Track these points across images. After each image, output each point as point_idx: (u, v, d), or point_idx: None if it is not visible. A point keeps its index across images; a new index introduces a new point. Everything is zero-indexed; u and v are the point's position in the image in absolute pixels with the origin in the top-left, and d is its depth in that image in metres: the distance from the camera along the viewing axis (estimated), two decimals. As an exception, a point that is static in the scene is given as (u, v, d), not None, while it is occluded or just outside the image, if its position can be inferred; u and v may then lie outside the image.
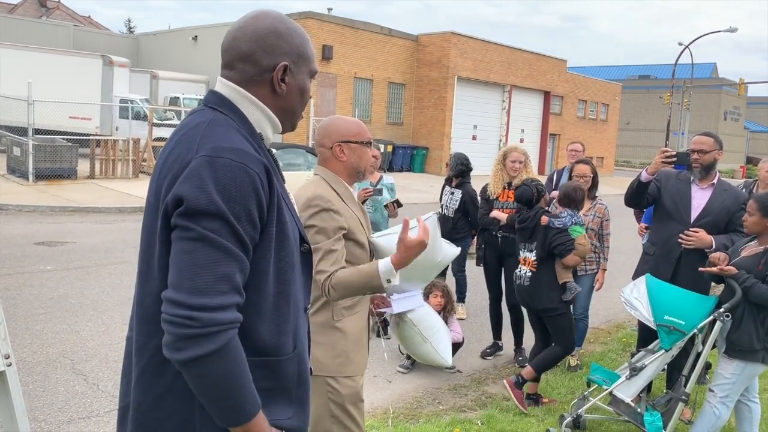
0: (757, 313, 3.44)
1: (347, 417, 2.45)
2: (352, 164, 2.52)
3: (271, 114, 1.55)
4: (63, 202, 11.73)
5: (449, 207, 6.08)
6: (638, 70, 64.48)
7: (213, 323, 1.28)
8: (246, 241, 1.35)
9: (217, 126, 1.42)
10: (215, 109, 1.49)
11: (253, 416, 1.36)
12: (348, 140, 2.51)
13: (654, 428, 3.57)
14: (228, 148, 1.36)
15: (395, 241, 2.22)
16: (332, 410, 2.42)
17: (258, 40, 1.49)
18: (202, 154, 1.35)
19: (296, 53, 1.54)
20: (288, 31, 1.53)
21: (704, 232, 3.98)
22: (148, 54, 29.49)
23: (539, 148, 31.30)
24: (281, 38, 1.51)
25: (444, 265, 2.71)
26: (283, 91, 1.53)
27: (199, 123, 1.44)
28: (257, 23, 1.51)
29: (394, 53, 25.51)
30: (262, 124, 1.54)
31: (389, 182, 5.87)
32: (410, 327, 2.69)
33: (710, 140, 4.10)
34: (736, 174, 47.64)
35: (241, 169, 1.34)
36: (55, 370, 4.57)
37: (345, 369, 2.46)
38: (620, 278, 6.39)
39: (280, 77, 1.51)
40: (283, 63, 1.51)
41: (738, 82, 36.18)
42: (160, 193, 1.38)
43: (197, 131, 1.41)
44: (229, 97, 1.51)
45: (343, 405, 2.44)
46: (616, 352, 5.78)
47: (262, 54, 1.49)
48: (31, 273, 7.04)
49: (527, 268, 4.42)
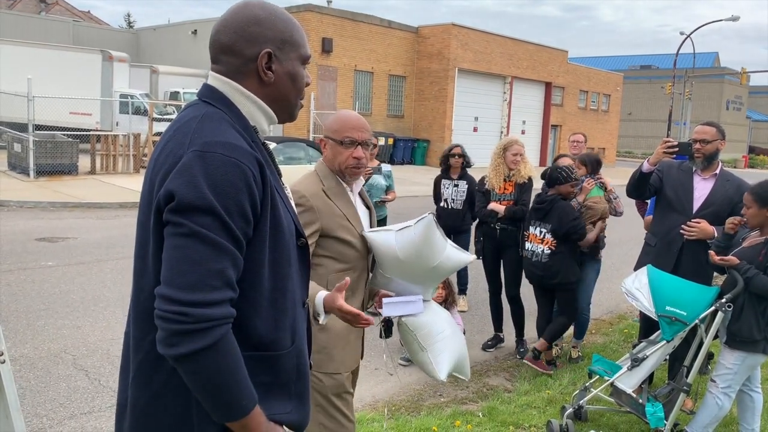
0: (758, 304, 3.43)
1: (332, 407, 2.42)
2: (333, 161, 2.45)
3: (263, 105, 1.52)
4: (64, 198, 11.73)
5: (456, 200, 6.06)
6: (640, 60, 64.26)
7: (205, 319, 1.27)
8: (238, 236, 1.34)
9: (209, 120, 1.41)
10: (209, 103, 1.47)
11: (250, 411, 1.35)
12: (327, 135, 2.46)
13: (655, 419, 3.56)
14: (219, 142, 1.35)
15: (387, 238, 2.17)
16: (317, 400, 2.39)
17: (238, 30, 1.47)
18: (193, 149, 1.33)
19: (280, 39, 1.50)
20: (270, 17, 1.49)
21: (706, 222, 3.96)
22: (147, 49, 29.44)
23: (541, 140, 31.25)
24: (262, 25, 1.48)
25: (447, 270, 2.61)
26: (270, 80, 1.50)
27: (192, 118, 1.42)
28: (238, 13, 1.48)
29: (395, 45, 25.42)
30: (256, 116, 1.52)
31: (387, 170, 6.19)
32: (408, 332, 2.61)
33: (712, 130, 4.07)
34: (738, 164, 47.52)
35: (232, 164, 1.33)
36: (57, 366, 4.58)
37: (325, 365, 2.42)
38: (622, 269, 6.38)
39: (265, 65, 1.48)
40: (266, 50, 1.47)
41: (740, 71, 36.01)
42: (153, 189, 1.37)
43: (190, 126, 1.40)
44: (221, 90, 1.49)
45: (327, 396, 2.42)
46: (618, 343, 5.78)
47: (243, 44, 1.47)
48: (32, 269, 7.05)
49: (544, 246, 4.81)
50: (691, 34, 34.88)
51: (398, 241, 2.43)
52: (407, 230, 2.44)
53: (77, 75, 19.01)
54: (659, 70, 58.05)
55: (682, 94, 38.16)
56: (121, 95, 19.02)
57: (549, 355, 5.00)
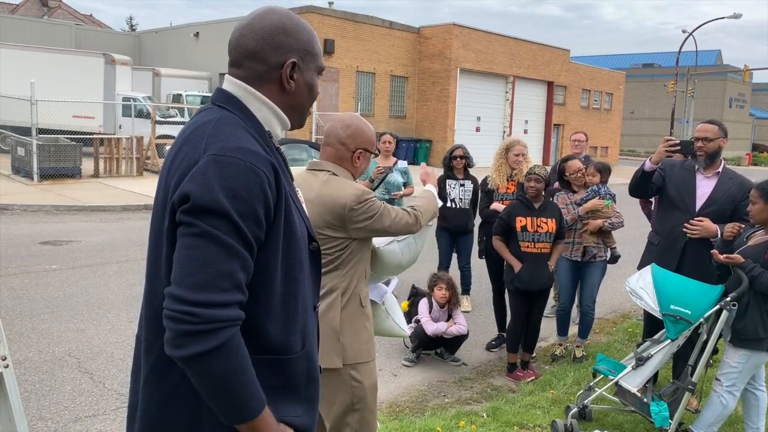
0: (763, 302, 3.42)
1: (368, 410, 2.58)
2: (359, 171, 2.60)
3: (279, 111, 1.54)
4: (67, 201, 11.75)
5: (463, 199, 6.05)
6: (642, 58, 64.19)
7: (213, 320, 1.27)
8: (250, 240, 1.34)
9: (224, 125, 1.41)
10: (223, 108, 1.48)
11: (259, 413, 1.35)
12: (367, 149, 2.56)
13: (660, 418, 3.55)
14: (235, 147, 1.35)
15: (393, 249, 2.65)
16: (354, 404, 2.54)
17: (266, 37, 1.48)
18: (209, 153, 1.34)
19: (304, 50, 1.53)
20: (296, 27, 1.52)
21: (709, 221, 3.95)
22: (150, 51, 29.50)
23: (543, 139, 31.21)
24: (289, 35, 1.50)
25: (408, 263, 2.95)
26: (291, 88, 1.52)
27: (206, 121, 1.43)
28: (265, 20, 1.50)
29: (396, 46, 25.43)
30: (271, 121, 1.53)
31: (403, 166, 6.40)
32: (378, 305, 2.93)
33: (714, 128, 4.06)
34: (742, 161, 47.38)
35: (248, 169, 1.34)
36: (62, 369, 4.59)
37: (371, 353, 2.62)
38: (625, 268, 6.35)
39: (289, 74, 1.51)
40: (291, 60, 1.50)
41: (743, 68, 35.91)
42: (168, 193, 1.38)
43: (205, 130, 1.40)
44: (237, 95, 1.50)
45: (365, 398, 2.56)
46: (622, 343, 5.76)
47: (270, 51, 1.48)
48: (36, 272, 7.07)
49: None
50: (693, 31, 34.80)
51: (402, 250, 2.75)
52: (408, 238, 2.75)
53: (80, 78, 19.05)
54: (662, 69, 57.96)
55: (685, 92, 38.08)
56: (123, 98, 19.05)
57: (521, 357, 4.89)
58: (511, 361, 4.84)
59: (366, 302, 2.61)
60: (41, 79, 14.57)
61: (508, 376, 4.82)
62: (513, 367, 4.83)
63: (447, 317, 5.08)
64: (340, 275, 2.52)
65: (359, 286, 2.57)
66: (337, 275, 2.52)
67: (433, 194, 2.77)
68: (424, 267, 6.15)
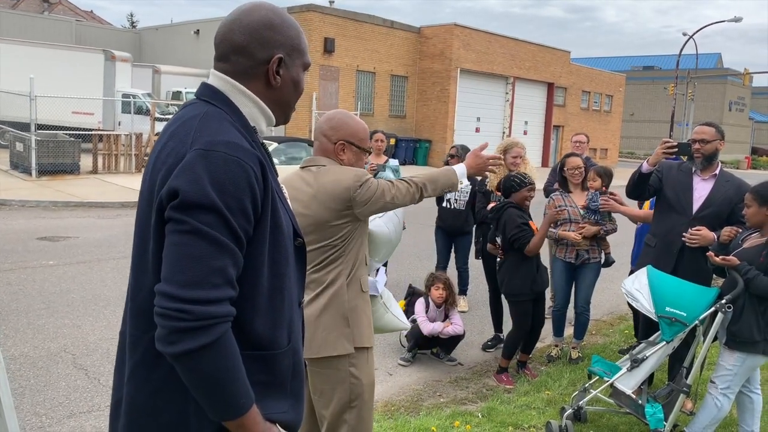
0: (758, 305, 3.42)
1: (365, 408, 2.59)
2: (349, 164, 2.58)
3: (264, 107, 1.54)
4: (66, 197, 11.75)
5: (459, 200, 6.04)
6: (642, 60, 64.16)
7: (206, 316, 1.27)
8: (240, 234, 1.34)
9: (211, 119, 1.41)
10: (209, 102, 1.48)
11: (247, 410, 1.35)
12: (352, 142, 2.56)
13: (655, 420, 3.55)
14: (223, 141, 1.35)
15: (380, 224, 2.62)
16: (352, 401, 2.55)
17: (253, 32, 1.48)
18: (196, 147, 1.34)
19: (290, 45, 1.53)
20: (283, 23, 1.52)
21: (706, 229, 3.94)
22: (150, 48, 29.47)
23: (543, 140, 31.22)
24: (276, 30, 1.50)
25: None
26: (277, 84, 1.52)
27: (192, 116, 1.43)
28: (252, 15, 1.49)
29: (397, 45, 25.42)
30: (256, 117, 1.53)
31: (394, 165, 6.36)
32: (377, 300, 2.95)
33: (711, 130, 4.06)
34: (741, 165, 47.40)
35: (235, 163, 1.34)
36: (57, 365, 4.59)
37: (371, 340, 2.63)
38: (622, 270, 6.35)
39: (275, 70, 1.51)
40: (278, 55, 1.50)
41: (743, 72, 35.93)
42: (154, 187, 1.38)
43: (191, 125, 1.40)
44: (222, 89, 1.50)
45: (363, 395, 2.56)
46: (618, 344, 5.75)
47: (257, 46, 1.48)
48: (33, 268, 7.06)
49: (498, 255, 4.86)
50: (693, 35, 34.80)
51: (386, 224, 2.81)
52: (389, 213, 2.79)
53: (80, 75, 19.02)
54: (662, 71, 57.94)
55: (685, 95, 38.09)
56: (123, 95, 19.01)
57: (519, 358, 4.94)
58: (503, 365, 4.81)
59: (366, 287, 2.63)
60: (41, 75, 14.55)
61: (496, 377, 4.81)
62: (503, 370, 4.81)
63: (444, 317, 5.09)
64: (344, 262, 2.54)
65: (360, 271, 2.59)
66: (341, 262, 2.53)
67: (453, 171, 2.65)
68: (422, 266, 6.14)
